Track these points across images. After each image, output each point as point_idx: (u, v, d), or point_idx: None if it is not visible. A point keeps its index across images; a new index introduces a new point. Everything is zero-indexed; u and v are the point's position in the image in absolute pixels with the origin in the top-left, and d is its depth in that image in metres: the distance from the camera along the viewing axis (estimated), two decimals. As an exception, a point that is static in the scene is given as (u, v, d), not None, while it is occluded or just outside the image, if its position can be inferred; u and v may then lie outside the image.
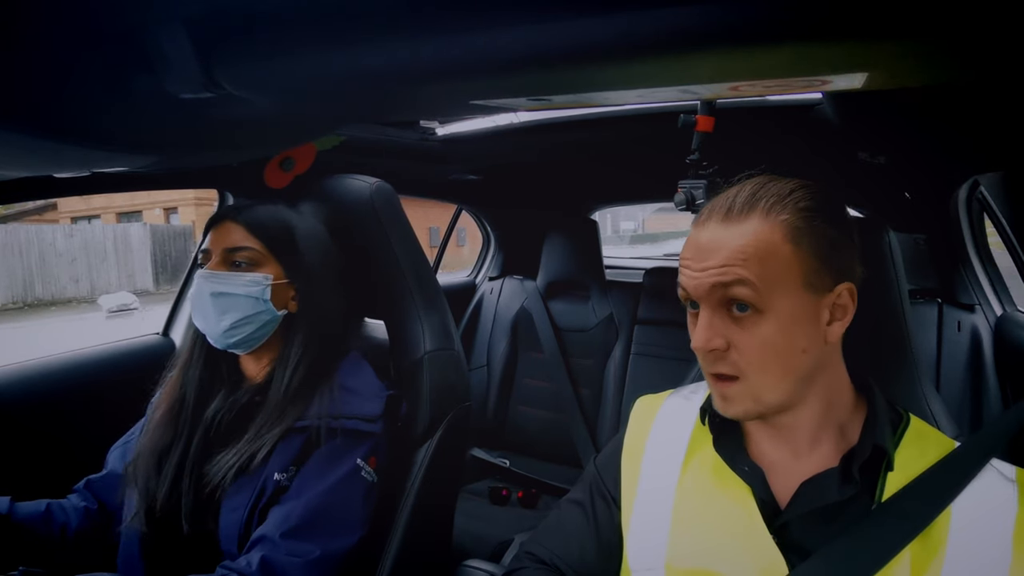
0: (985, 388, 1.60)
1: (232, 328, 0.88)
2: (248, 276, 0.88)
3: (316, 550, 0.79)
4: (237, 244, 0.89)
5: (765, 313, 0.57)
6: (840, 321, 0.60)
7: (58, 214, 13.54)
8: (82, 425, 1.11)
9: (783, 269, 0.57)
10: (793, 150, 1.45)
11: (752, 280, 0.56)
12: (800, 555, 0.58)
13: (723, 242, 0.58)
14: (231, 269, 0.89)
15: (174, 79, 0.49)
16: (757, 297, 0.56)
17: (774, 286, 0.56)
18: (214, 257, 0.89)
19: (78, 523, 0.89)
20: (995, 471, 0.58)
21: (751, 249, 0.57)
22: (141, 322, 6.93)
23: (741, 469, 0.64)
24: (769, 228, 0.57)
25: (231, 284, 0.87)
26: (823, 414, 0.62)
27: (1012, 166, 1.15)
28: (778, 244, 0.57)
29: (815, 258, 0.57)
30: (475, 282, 2.41)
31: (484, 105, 0.59)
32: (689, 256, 0.61)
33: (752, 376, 0.58)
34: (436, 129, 1.57)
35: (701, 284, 0.59)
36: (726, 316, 0.58)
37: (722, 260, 0.57)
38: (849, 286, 0.60)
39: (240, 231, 0.89)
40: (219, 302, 0.87)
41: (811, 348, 0.59)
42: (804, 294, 0.57)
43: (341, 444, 0.86)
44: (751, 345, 0.58)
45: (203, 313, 0.89)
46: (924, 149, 1.28)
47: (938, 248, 1.73)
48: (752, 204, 0.59)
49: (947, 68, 0.47)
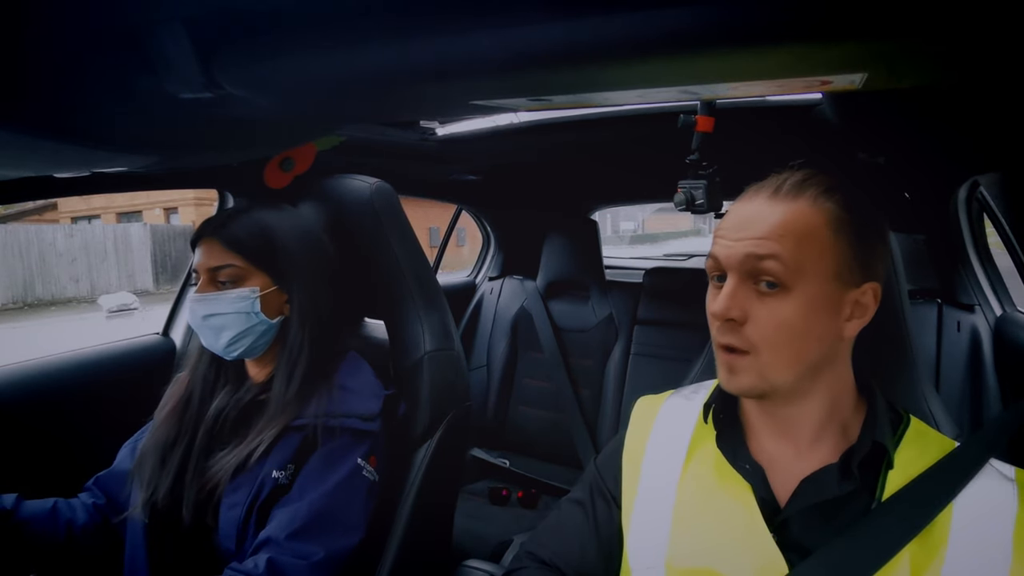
0: (985, 388, 1.60)
1: (231, 344, 0.89)
2: (234, 293, 0.88)
3: (320, 551, 0.80)
4: (218, 263, 0.89)
5: (791, 292, 0.57)
6: (859, 319, 0.60)
7: (58, 214, 13.54)
8: (82, 425, 1.12)
9: (818, 254, 0.58)
10: (793, 150, 1.45)
11: (785, 257, 0.57)
12: (800, 554, 0.59)
13: (766, 216, 0.59)
14: (217, 288, 0.89)
15: (174, 79, 0.49)
16: (787, 274, 0.57)
17: (805, 268, 0.57)
18: (201, 277, 0.89)
19: (85, 520, 0.90)
20: (995, 471, 0.58)
21: (792, 226, 0.58)
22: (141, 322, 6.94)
23: (742, 467, 0.64)
24: (814, 212, 0.58)
25: (219, 304, 0.88)
26: (827, 410, 0.62)
27: (1012, 166, 1.15)
28: (820, 228, 0.58)
29: (850, 250, 0.59)
30: (475, 282, 2.41)
31: (484, 105, 0.60)
32: (727, 227, 0.62)
33: (763, 352, 0.59)
34: (436, 129, 1.57)
35: (734, 253, 0.59)
36: (751, 290, 0.59)
37: (762, 232, 0.58)
38: (875, 286, 0.61)
39: (219, 249, 0.89)
40: (212, 322, 0.88)
41: (825, 338, 0.59)
42: (832, 283, 0.58)
43: (341, 444, 0.86)
44: (769, 321, 0.58)
45: (201, 334, 0.91)
46: (924, 149, 1.28)
47: (938, 248, 1.73)
48: (802, 188, 0.60)
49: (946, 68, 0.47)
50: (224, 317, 0.88)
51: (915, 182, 1.61)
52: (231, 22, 0.46)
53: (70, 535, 0.88)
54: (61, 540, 0.87)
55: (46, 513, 0.87)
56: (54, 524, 0.87)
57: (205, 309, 0.88)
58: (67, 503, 0.91)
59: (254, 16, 0.45)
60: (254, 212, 0.93)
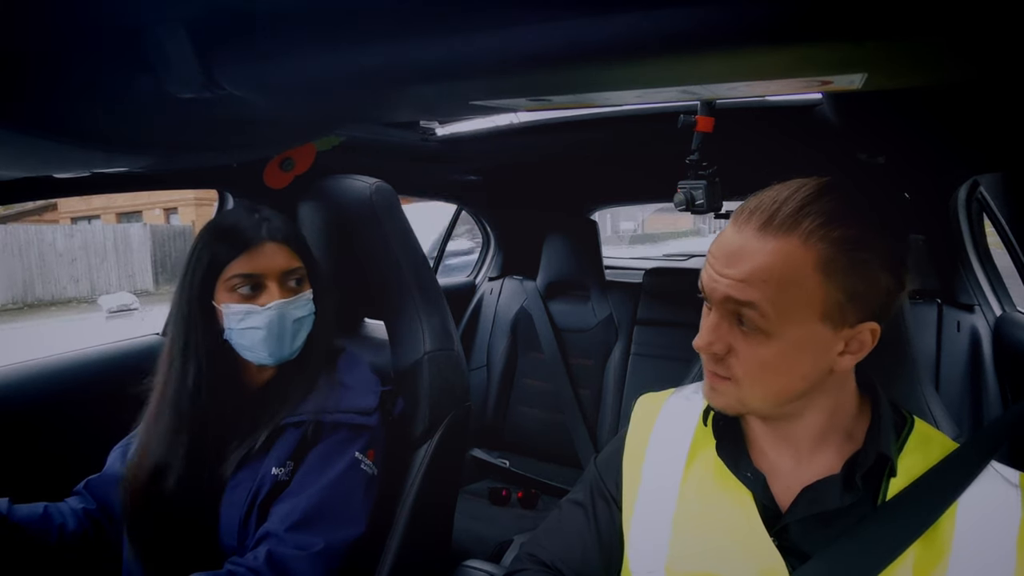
0: (984, 388, 1.60)
1: (297, 344, 0.90)
2: (305, 295, 0.91)
3: (320, 542, 0.80)
4: (290, 266, 0.89)
5: (771, 336, 0.55)
6: (853, 355, 0.57)
7: (58, 214, 13.53)
8: (82, 425, 1.11)
9: (804, 299, 0.54)
10: (793, 150, 1.45)
11: (764, 306, 0.54)
12: (801, 558, 0.58)
13: (751, 254, 0.55)
14: (289, 292, 0.89)
15: (174, 79, 0.49)
16: (765, 323, 0.54)
17: (789, 314, 0.54)
18: (270, 283, 0.87)
19: (75, 525, 0.89)
20: (997, 474, 0.58)
21: (776, 271, 0.54)
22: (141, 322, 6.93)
23: (744, 475, 0.63)
24: (803, 253, 0.53)
25: (301, 307, 0.90)
26: (827, 421, 0.62)
27: (1012, 167, 1.15)
28: (807, 273, 0.53)
29: (843, 293, 0.54)
30: (475, 282, 2.41)
31: (484, 105, 0.59)
32: (716, 254, 0.58)
33: (743, 383, 0.58)
34: (436, 129, 1.57)
35: (717, 289, 0.57)
36: (734, 324, 0.57)
37: (743, 274, 0.55)
38: (873, 327, 0.56)
39: (285, 252, 0.89)
40: (295, 326, 0.89)
41: (811, 375, 0.57)
42: (819, 325, 0.55)
43: (339, 439, 0.87)
44: (750, 358, 0.57)
45: (277, 338, 0.88)
46: (924, 149, 1.28)
47: (938, 248, 1.73)
48: (796, 221, 0.54)
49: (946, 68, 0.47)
50: (303, 320, 0.90)
51: (915, 182, 1.61)
52: (231, 22, 0.46)
53: (62, 539, 0.87)
54: (53, 544, 0.86)
55: (38, 517, 0.86)
56: (46, 528, 0.86)
57: (296, 313, 0.89)
58: (57, 507, 0.90)
59: (254, 16, 0.45)
60: (279, 212, 0.94)
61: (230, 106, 0.55)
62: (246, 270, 0.86)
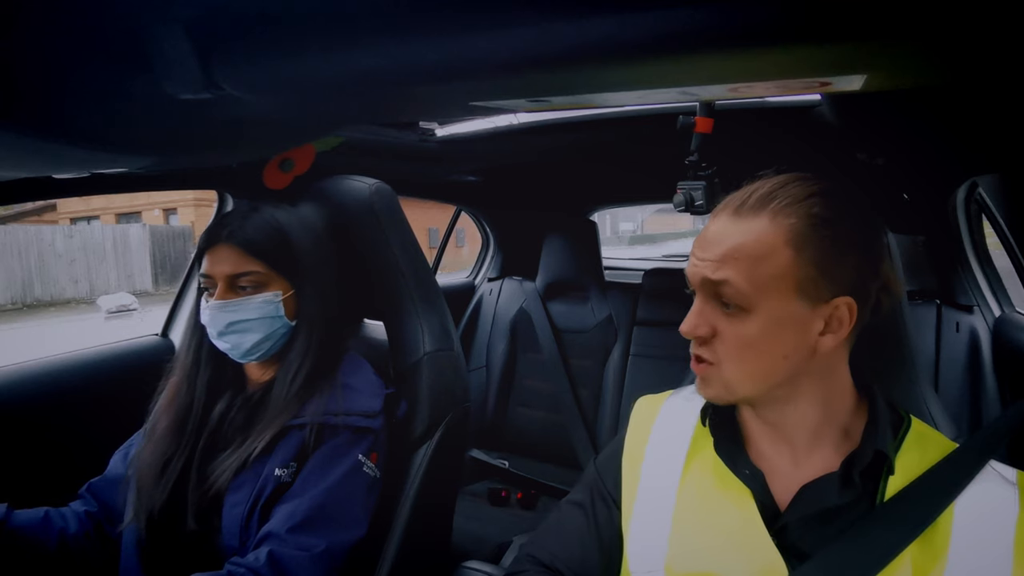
0: (983, 389, 1.61)
1: (252, 349, 0.89)
2: (259, 298, 0.88)
3: (321, 543, 0.80)
4: (239, 270, 0.87)
5: (751, 312, 0.57)
6: (834, 334, 0.58)
7: (57, 215, 13.53)
8: (82, 426, 1.11)
9: (777, 273, 0.57)
10: (792, 151, 1.45)
11: (739, 282, 0.57)
12: (800, 557, 0.58)
13: (725, 237, 0.59)
14: (238, 294, 0.88)
15: (173, 80, 0.49)
16: (742, 298, 0.57)
17: (765, 288, 0.57)
18: (218, 284, 0.87)
19: (76, 528, 0.89)
20: (996, 473, 0.58)
21: (747, 248, 0.57)
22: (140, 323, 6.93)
23: (742, 472, 0.64)
24: (773, 230, 0.57)
25: (245, 311, 0.87)
26: (820, 414, 0.62)
27: (1010, 167, 1.15)
28: (778, 247, 0.57)
29: (814, 267, 0.57)
30: (474, 283, 2.41)
31: (484, 106, 0.60)
32: (696, 243, 0.62)
33: (727, 366, 0.60)
34: (436, 130, 1.57)
35: (696, 273, 0.60)
36: (717, 307, 0.60)
37: (718, 255, 0.58)
38: (848, 300, 0.58)
39: (238, 254, 0.87)
40: (237, 328, 0.87)
41: (793, 356, 0.59)
42: (795, 301, 0.57)
43: (342, 441, 0.86)
44: (732, 339, 0.59)
45: (221, 340, 0.89)
46: (923, 150, 1.28)
47: (936, 249, 1.73)
48: (765, 202, 0.58)
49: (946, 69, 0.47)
50: (250, 323, 0.87)
51: (914, 183, 1.61)
52: (231, 22, 0.46)
53: (62, 544, 0.87)
54: (52, 549, 0.86)
55: (37, 522, 0.86)
56: (46, 533, 0.86)
57: (229, 316, 0.87)
58: (59, 512, 0.89)
59: (253, 17, 0.46)
60: (265, 213, 0.92)
61: (229, 107, 0.55)
62: (204, 271, 0.89)
